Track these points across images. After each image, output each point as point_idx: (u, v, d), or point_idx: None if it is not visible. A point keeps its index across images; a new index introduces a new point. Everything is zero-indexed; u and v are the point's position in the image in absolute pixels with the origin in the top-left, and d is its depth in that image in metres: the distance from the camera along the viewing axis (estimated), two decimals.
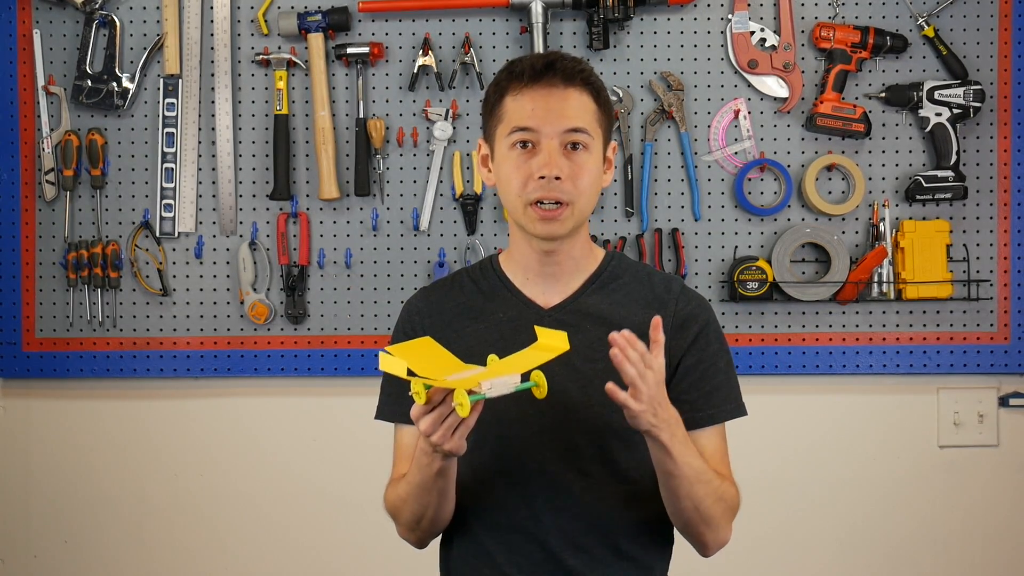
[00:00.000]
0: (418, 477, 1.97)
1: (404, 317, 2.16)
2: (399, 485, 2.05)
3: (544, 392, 1.88)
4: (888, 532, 3.33)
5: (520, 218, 2.03)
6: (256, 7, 3.25)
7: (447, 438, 1.85)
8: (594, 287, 2.10)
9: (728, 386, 2.09)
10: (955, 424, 3.32)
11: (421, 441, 1.90)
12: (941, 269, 3.23)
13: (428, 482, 1.97)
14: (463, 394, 1.80)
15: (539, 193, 2.00)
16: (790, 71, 3.23)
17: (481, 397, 1.81)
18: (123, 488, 3.32)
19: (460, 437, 1.85)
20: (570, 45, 3.23)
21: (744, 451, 3.26)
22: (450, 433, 1.84)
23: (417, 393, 1.82)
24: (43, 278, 3.27)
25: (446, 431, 1.84)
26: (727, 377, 2.09)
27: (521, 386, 1.85)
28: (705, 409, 2.06)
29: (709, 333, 2.08)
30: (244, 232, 3.26)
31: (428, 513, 2.03)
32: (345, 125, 3.26)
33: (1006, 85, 3.27)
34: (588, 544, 2.04)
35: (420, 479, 1.97)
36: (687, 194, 3.26)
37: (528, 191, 2.00)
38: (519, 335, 2.03)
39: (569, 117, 2.01)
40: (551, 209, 2.00)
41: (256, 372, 3.27)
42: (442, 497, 2.01)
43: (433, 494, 1.99)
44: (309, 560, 3.33)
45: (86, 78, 3.23)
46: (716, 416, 2.07)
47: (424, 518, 2.04)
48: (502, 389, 1.83)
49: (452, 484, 2.00)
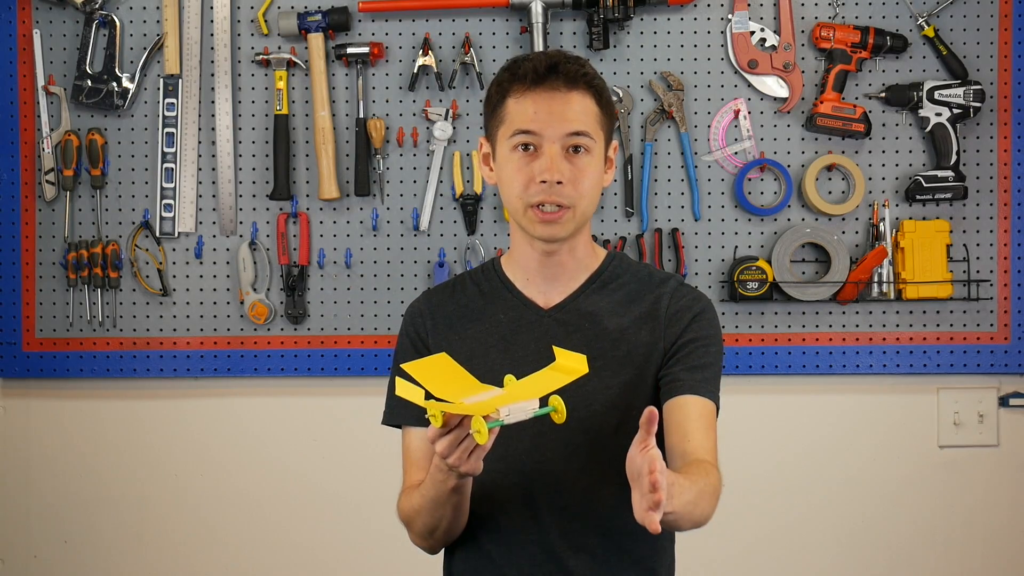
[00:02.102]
0: (432, 492, 1.96)
1: (407, 320, 2.16)
2: (413, 496, 2.04)
3: (563, 418, 1.84)
4: (888, 532, 3.33)
5: (521, 220, 2.04)
6: (256, 7, 3.25)
7: (463, 461, 1.82)
8: (594, 287, 2.10)
9: (713, 371, 2.06)
10: (955, 424, 3.32)
11: (436, 459, 1.88)
12: (941, 269, 3.23)
13: (442, 497, 1.96)
14: (480, 421, 1.76)
15: (540, 197, 2.00)
16: (790, 71, 3.23)
17: (498, 424, 1.77)
18: (123, 488, 3.32)
19: (477, 459, 1.83)
20: (570, 45, 3.23)
21: (744, 451, 3.27)
22: (466, 456, 1.82)
23: (434, 416, 1.78)
24: (43, 278, 3.27)
25: (462, 454, 1.81)
26: (714, 363, 2.06)
27: (539, 411, 1.82)
28: (688, 379, 2.02)
29: (704, 320, 2.07)
30: (244, 232, 3.26)
31: (443, 525, 2.03)
32: (345, 125, 3.26)
33: (1006, 85, 3.27)
34: (590, 545, 2.04)
35: (434, 494, 1.96)
36: (687, 194, 3.26)
37: (529, 194, 2.00)
38: (519, 336, 2.03)
39: (571, 121, 2.00)
40: (552, 212, 2.01)
41: (256, 372, 3.27)
42: (457, 511, 2.01)
43: (447, 508, 1.99)
44: (309, 560, 3.33)
45: (86, 78, 3.22)
46: (702, 389, 2.02)
47: (438, 529, 2.04)
48: (520, 415, 1.79)
49: (467, 499, 1.99)
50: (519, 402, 1.79)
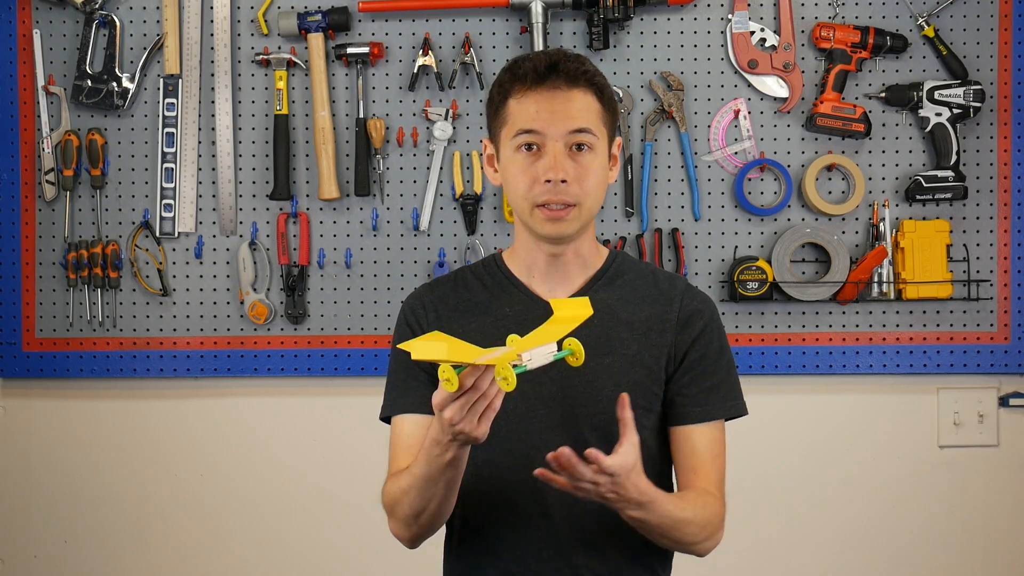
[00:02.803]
0: (425, 469, 1.92)
1: (407, 311, 2.14)
2: (401, 477, 2.00)
3: (581, 359, 1.84)
4: (888, 532, 3.33)
5: (528, 220, 2.04)
6: (256, 7, 3.25)
7: (474, 424, 1.80)
8: (600, 283, 2.10)
9: (728, 384, 2.09)
10: (955, 424, 3.32)
11: (433, 431, 1.86)
12: (941, 269, 3.23)
13: (436, 473, 1.92)
14: (507, 368, 1.73)
15: (546, 196, 2.00)
16: (790, 71, 3.23)
17: (523, 369, 1.76)
18: (123, 488, 3.32)
19: (486, 423, 1.81)
20: (570, 45, 3.23)
21: (744, 451, 3.27)
22: (476, 419, 1.80)
23: (448, 380, 1.76)
24: (43, 278, 3.27)
25: (473, 417, 1.79)
26: (728, 375, 2.09)
27: (558, 355, 1.81)
28: (702, 405, 2.06)
29: (712, 330, 2.09)
30: (244, 232, 3.26)
31: (431, 507, 1.98)
32: (345, 125, 3.26)
33: (1006, 85, 3.27)
34: (598, 541, 2.04)
35: (427, 471, 1.92)
36: (687, 194, 3.26)
37: (535, 194, 2.01)
38: (526, 330, 2.03)
39: (573, 118, 2.00)
40: (558, 210, 2.01)
41: (256, 372, 3.27)
42: (448, 489, 1.96)
43: (440, 485, 1.95)
44: (309, 560, 3.33)
45: (86, 78, 3.22)
46: (712, 413, 2.07)
47: (425, 512, 1.99)
48: (541, 359, 1.78)
49: (460, 475, 1.96)
50: (538, 347, 1.78)
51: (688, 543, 2.02)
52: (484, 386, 1.77)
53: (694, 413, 2.06)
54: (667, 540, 2.00)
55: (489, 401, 1.79)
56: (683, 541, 2.01)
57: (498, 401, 1.80)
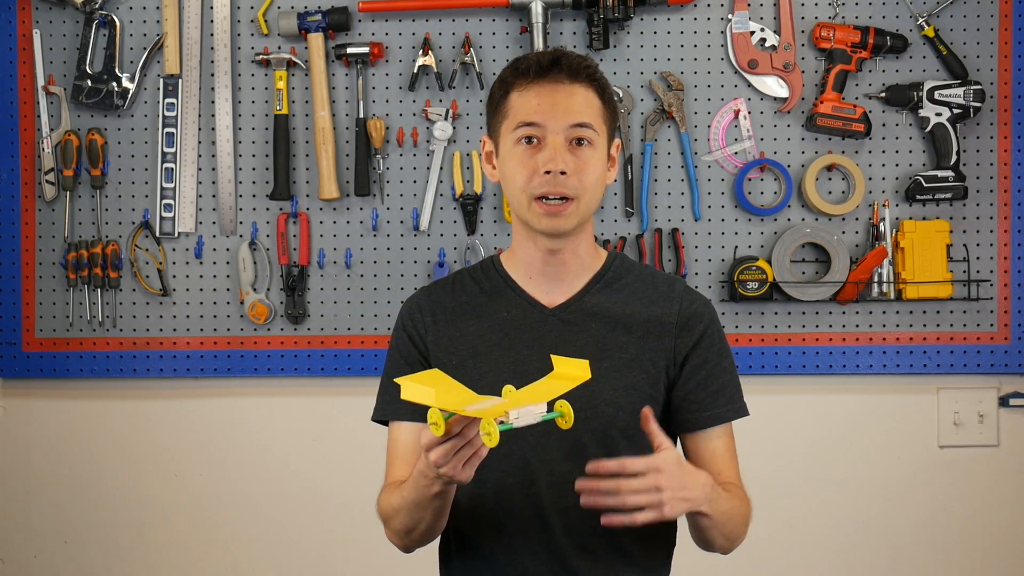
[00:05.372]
0: (413, 495, 1.93)
1: (405, 315, 2.14)
2: (393, 495, 2.01)
3: (570, 422, 1.82)
4: (888, 532, 3.33)
5: (525, 213, 2.03)
6: (256, 7, 3.25)
7: (458, 469, 1.79)
8: (599, 286, 2.10)
9: (732, 386, 2.11)
10: (955, 424, 3.32)
11: (421, 463, 1.86)
12: (941, 269, 3.23)
13: (424, 501, 1.93)
14: (491, 423, 1.71)
15: (544, 188, 2.00)
16: (790, 71, 3.23)
17: (508, 427, 1.74)
18: (123, 488, 3.32)
19: (471, 468, 1.81)
20: (570, 45, 3.23)
21: (744, 451, 3.26)
22: (461, 465, 1.79)
23: (435, 424, 1.74)
24: (43, 278, 3.27)
25: (457, 463, 1.79)
26: (731, 377, 2.10)
27: (547, 416, 1.79)
28: (712, 409, 2.07)
29: (713, 333, 2.09)
30: (244, 232, 3.26)
31: (421, 527, 2.00)
32: (345, 125, 3.26)
33: (1006, 85, 3.27)
34: (594, 545, 2.04)
35: (415, 497, 1.93)
36: (687, 194, 3.26)
37: (533, 186, 2.00)
38: (523, 334, 2.03)
39: (574, 112, 2.01)
40: (556, 204, 2.00)
41: (256, 372, 3.27)
42: (437, 515, 1.97)
43: (428, 511, 1.96)
44: (309, 560, 3.33)
45: (86, 78, 3.22)
46: (723, 415, 2.09)
47: (416, 530, 2.01)
48: (528, 419, 1.76)
49: (449, 503, 1.96)
50: (527, 405, 1.76)
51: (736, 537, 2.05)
52: (471, 435, 1.76)
53: (705, 418, 2.07)
54: (721, 537, 2.01)
55: (475, 449, 1.78)
56: (732, 535, 2.03)
57: (484, 450, 1.79)
